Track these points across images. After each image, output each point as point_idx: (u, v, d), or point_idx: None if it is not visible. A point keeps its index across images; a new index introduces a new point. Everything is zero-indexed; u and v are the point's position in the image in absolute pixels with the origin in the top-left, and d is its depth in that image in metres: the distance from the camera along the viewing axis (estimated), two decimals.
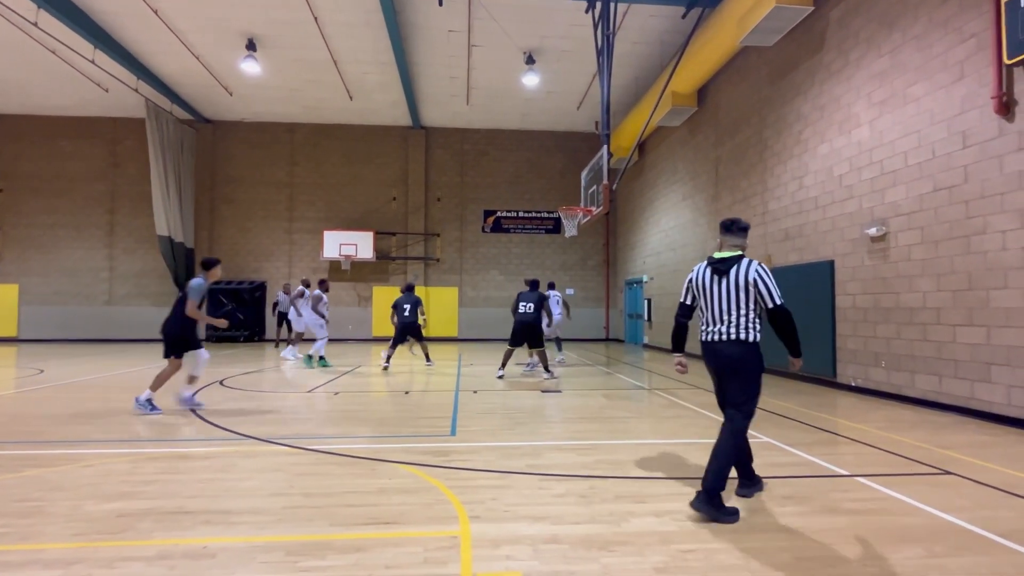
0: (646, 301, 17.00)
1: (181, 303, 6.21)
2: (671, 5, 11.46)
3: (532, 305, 9.08)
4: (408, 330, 10.63)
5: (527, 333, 9.09)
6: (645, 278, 17.16)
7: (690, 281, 3.59)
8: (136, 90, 15.64)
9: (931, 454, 4.68)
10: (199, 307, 6.23)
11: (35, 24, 12.08)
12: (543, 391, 8.03)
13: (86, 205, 18.67)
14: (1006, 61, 5.78)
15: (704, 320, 3.53)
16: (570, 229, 12.41)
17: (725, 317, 3.42)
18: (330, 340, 18.69)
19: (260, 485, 3.74)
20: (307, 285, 11.95)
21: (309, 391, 7.96)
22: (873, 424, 5.93)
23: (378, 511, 3.28)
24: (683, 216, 14.47)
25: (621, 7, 11.51)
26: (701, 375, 10.15)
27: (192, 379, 6.44)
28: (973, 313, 6.25)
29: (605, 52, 10.37)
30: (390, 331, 18.77)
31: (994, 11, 5.93)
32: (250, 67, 13.96)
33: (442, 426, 5.69)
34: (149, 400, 6.15)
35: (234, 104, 17.60)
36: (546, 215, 19.94)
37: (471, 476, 3.98)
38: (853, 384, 8.17)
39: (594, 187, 11.35)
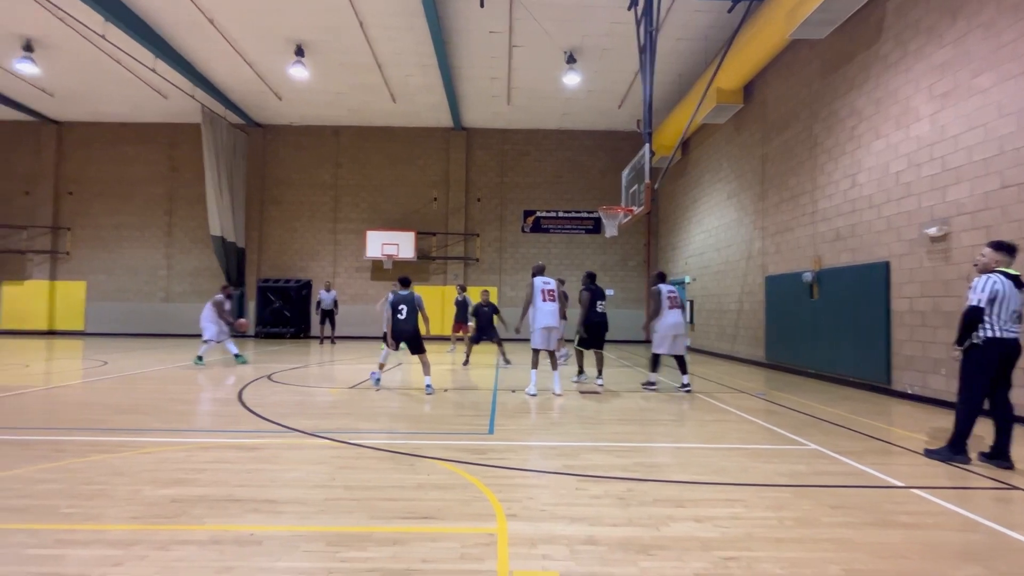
0: (688, 303, 16.65)
1: None
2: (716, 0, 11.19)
3: (604, 303, 8.89)
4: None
5: (604, 333, 8.89)
6: (687, 279, 16.81)
7: (997, 291, 4.35)
8: (192, 96, 16.38)
9: (996, 468, 4.41)
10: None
11: (103, 36, 12.82)
12: (581, 392, 7.98)
13: (146, 207, 19.69)
14: None
15: (999, 320, 4.35)
16: (611, 229, 12.27)
17: (1017, 319, 4.38)
18: (372, 338, 19.11)
19: (304, 476, 3.86)
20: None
21: (351, 387, 8.16)
22: (931, 434, 5.63)
23: (416, 506, 3.33)
24: (728, 215, 14.10)
25: (664, 3, 11.31)
26: (743, 378, 9.87)
27: None
28: None
29: (648, 50, 10.20)
30: (432, 329, 19.16)
31: None
32: (298, 72, 14.40)
33: (480, 424, 5.73)
34: None
35: (283, 108, 18.21)
36: (586, 215, 19.79)
37: (508, 475, 4.00)
38: (909, 391, 7.78)
39: (635, 186, 11.19)
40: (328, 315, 16.75)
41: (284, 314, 18.94)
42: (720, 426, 5.84)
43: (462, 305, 13.74)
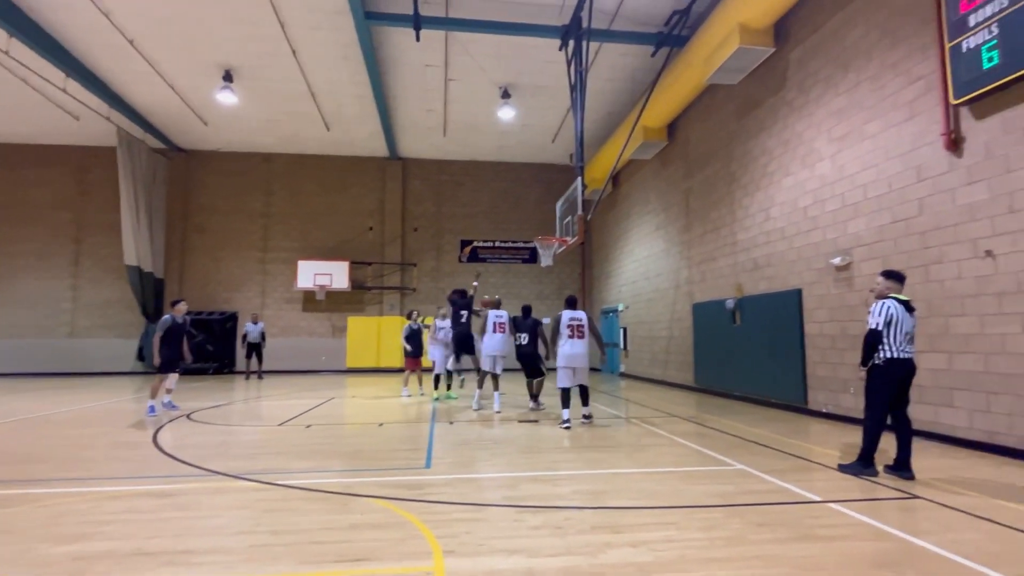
0: (622, 330, 17.13)
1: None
2: (641, 44, 11.92)
3: (527, 336, 8.77)
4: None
5: (529, 364, 8.90)
6: (621, 307, 17.34)
7: (892, 315, 4.73)
8: (108, 119, 15.43)
9: (900, 479, 4.76)
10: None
11: (6, 52, 11.93)
12: (520, 421, 7.97)
13: (50, 234, 18.13)
14: (952, 101, 6.14)
15: (896, 342, 4.74)
16: (546, 259, 12.53)
17: (911, 341, 4.77)
18: (302, 372, 18.31)
19: (225, 523, 3.61)
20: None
21: (280, 424, 7.75)
22: (843, 450, 6.03)
23: (349, 548, 3.19)
24: (656, 246, 14.76)
25: (593, 46, 11.92)
26: (677, 403, 10.21)
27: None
28: (934, 340, 6.47)
29: (578, 88, 10.69)
30: (366, 361, 18.71)
31: (939, 55, 6.33)
32: (226, 98, 13.96)
33: (417, 458, 5.59)
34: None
35: (209, 134, 17.50)
36: (522, 245, 20.11)
37: (446, 509, 3.91)
38: (824, 411, 8.32)
39: (569, 217, 11.54)
40: (255, 348, 15.93)
41: (207, 348, 17.83)
42: (654, 451, 5.99)
43: (417, 335, 11.83)
